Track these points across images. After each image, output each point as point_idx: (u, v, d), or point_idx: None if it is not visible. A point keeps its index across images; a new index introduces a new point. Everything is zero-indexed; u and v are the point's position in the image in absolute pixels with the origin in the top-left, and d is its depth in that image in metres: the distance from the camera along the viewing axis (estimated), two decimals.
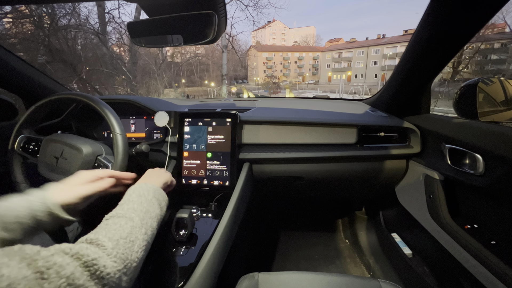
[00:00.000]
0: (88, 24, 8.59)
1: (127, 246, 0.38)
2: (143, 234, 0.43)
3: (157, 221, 0.50)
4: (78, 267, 0.29)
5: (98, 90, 8.53)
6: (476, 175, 0.67)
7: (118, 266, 0.35)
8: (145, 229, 0.44)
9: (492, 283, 0.62)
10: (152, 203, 0.51)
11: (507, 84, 0.71)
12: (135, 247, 0.40)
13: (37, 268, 0.25)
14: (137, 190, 0.53)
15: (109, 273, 0.32)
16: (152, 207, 0.50)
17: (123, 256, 0.36)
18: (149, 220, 0.47)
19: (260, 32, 77.28)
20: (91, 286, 0.29)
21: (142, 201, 0.49)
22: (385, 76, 33.95)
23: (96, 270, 0.31)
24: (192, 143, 0.86)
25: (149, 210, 0.48)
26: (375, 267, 1.25)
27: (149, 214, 0.48)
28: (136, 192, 0.52)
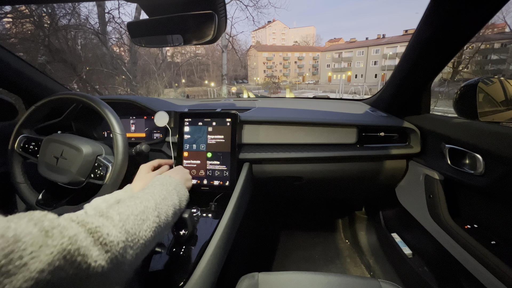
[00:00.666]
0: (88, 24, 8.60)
1: (136, 223, 0.40)
2: (155, 216, 0.45)
3: (173, 210, 0.52)
4: (82, 232, 0.31)
5: (98, 90, 8.53)
6: (476, 175, 0.67)
7: (122, 237, 0.36)
8: (159, 212, 0.47)
9: (492, 283, 0.62)
10: (172, 194, 0.54)
11: (507, 84, 0.71)
12: (144, 226, 0.42)
13: (43, 227, 0.26)
14: (161, 179, 0.58)
15: (112, 241, 0.34)
16: (171, 196, 0.54)
17: (130, 230, 0.38)
18: (164, 206, 0.49)
19: (260, 32, 77.28)
20: (95, 250, 0.31)
21: (163, 189, 0.53)
22: (385, 76, 33.96)
23: (99, 237, 0.32)
24: (192, 143, 0.86)
25: (167, 198, 0.52)
26: (375, 267, 1.25)
27: (166, 201, 0.51)
28: (159, 181, 0.57)
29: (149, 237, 0.42)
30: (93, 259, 0.30)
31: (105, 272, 0.31)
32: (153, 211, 0.46)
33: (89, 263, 0.29)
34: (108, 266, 0.32)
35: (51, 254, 0.25)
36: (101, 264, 0.31)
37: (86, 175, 0.75)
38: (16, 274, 0.22)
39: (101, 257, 0.31)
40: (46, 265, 0.24)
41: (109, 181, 0.71)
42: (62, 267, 0.26)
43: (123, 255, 0.35)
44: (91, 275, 0.29)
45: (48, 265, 0.24)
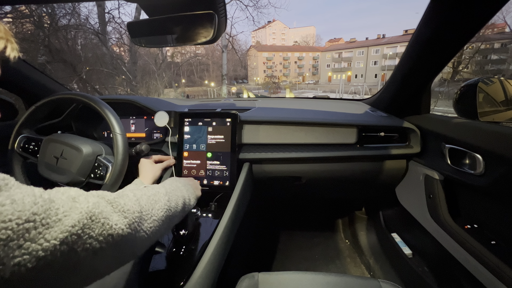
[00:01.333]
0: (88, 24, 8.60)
1: (149, 201, 0.45)
2: (166, 200, 0.49)
3: (182, 201, 0.56)
4: (102, 201, 0.35)
5: (98, 90, 8.53)
6: (476, 175, 0.67)
7: (137, 208, 0.40)
8: (169, 197, 0.51)
9: (492, 283, 0.62)
10: (180, 188, 0.59)
11: (507, 84, 0.71)
12: (157, 206, 0.46)
13: (70, 195, 0.32)
14: (171, 178, 0.64)
15: (128, 209, 0.38)
16: (180, 190, 0.58)
17: (144, 206, 0.43)
18: (174, 196, 0.53)
19: (260, 32, 77.28)
20: (115, 215, 0.35)
21: (172, 183, 0.59)
22: (385, 76, 33.95)
23: (117, 205, 0.37)
24: (192, 143, 0.86)
25: (176, 190, 0.56)
26: (375, 267, 1.25)
27: (175, 192, 0.55)
28: (170, 179, 0.63)
29: (160, 216, 0.46)
30: (114, 222, 0.34)
31: (124, 236, 0.35)
32: (164, 195, 0.50)
33: (111, 225, 0.33)
34: (127, 230, 0.36)
35: (80, 213, 0.30)
36: (121, 227, 0.35)
37: (86, 175, 0.75)
38: (53, 227, 0.26)
39: (120, 221, 0.35)
40: (77, 222, 0.29)
41: (109, 181, 0.71)
42: (89, 225, 0.30)
43: (139, 224, 0.39)
44: (113, 236, 0.33)
45: (78, 222, 0.29)
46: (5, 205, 0.24)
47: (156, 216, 0.45)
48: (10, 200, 0.24)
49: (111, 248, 0.33)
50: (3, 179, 0.26)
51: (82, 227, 0.29)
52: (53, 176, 0.76)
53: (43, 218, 0.26)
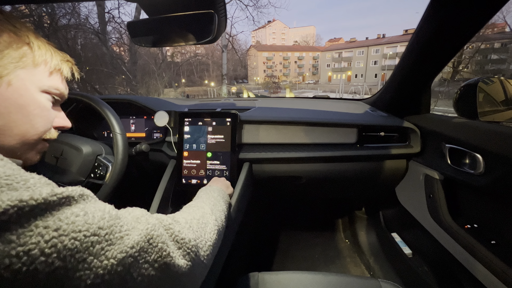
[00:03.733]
0: (88, 24, 8.61)
1: (200, 226, 0.43)
2: (214, 220, 0.48)
3: (224, 215, 0.55)
4: (160, 225, 0.34)
5: (98, 89, 8.53)
6: (476, 175, 0.67)
7: (192, 236, 0.38)
8: (215, 216, 0.50)
9: (492, 283, 0.62)
10: (218, 200, 0.58)
11: (507, 83, 0.71)
12: (207, 229, 0.44)
13: (135, 215, 0.33)
14: (204, 189, 0.62)
15: (183, 238, 0.36)
16: (219, 202, 0.57)
17: (197, 232, 0.41)
18: (217, 212, 0.52)
19: (260, 32, 77.25)
20: (171, 244, 0.34)
21: (210, 197, 0.57)
22: (385, 75, 33.95)
23: (172, 233, 0.35)
24: (192, 143, 0.86)
25: (216, 204, 0.55)
26: (375, 267, 1.25)
27: (217, 207, 0.54)
28: (203, 191, 0.61)
29: (213, 240, 0.45)
30: (171, 250, 0.33)
31: (181, 267, 0.34)
32: (210, 215, 0.49)
33: (168, 252, 0.32)
34: (183, 261, 0.34)
35: (139, 235, 0.29)
36: (177, 257, 0.34)
37: (86, 175, 0.75)
38: (114, 244, 0.26)
39: (176, 251, 0.34)
40: (136, 244, 0.28)
41: (109, 181, 0.71)
42: (146, 249, 0.30)
43: (196, 254, 0.38)
44: (169, 266, 0.32)
45: (137, 244, 0.29)
46: (78, 216, 0.25)
47: (210, 240, 0.43)
48: (84, 212, 0.25)
49: (168, 279, 0.32)
50: (81, 192, 0.27)
51: (140, 250, 0.29)
52: (53, 176, 0.76)
53: (107, 234, 0.26)
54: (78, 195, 0.26)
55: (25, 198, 0.21)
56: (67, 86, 0.46)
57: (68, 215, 0.24)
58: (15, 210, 0.20)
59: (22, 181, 0.24)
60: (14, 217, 0.20)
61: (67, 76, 0.45)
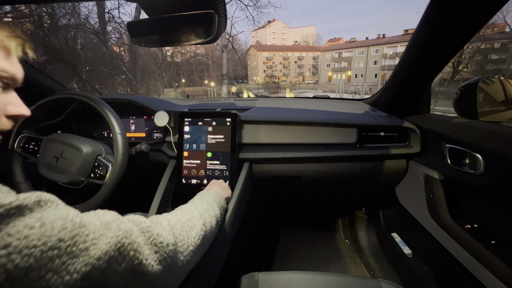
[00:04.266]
0: (88, 23, 8.60)
1: (184, 229, 0.41)
2: (201, 225, 0.47)
3: (216, 221, 0.55)
4: (135, 229, 0.32)
5: (98, 89, 8.53)
6: (476, 175, 0.67)
7: (172, 240, 0.36)
8: (204, 221, 0.49)
9: (492, 283, 0.62)
10: (212, 205, 0.57)
11: (507, 83, 0.71)
12: (193, 233, 0.43)
13: (104, 220, 0.30)
14: (200, 194, 0.61)
15: (161, 241, 0.34)
16: (212, 207, 0.56)
17: (179, 236, 0.39)
18: (208, 217, 0.52)
19: (260, 32, 77.24)
20: (146, 248, 0.31)
21: (203, 201, 0.56)
22: (385, 75, 33.94)
23: (150, 236, 0.33)
24: (192, 143, 0.86)
25: (208, 209, 0.54)
26: (375, 267, 1.25)
27: (208, 212, 0.53)
28: (199, 195, 0.60)
29: (198, 244, 0.43)
30: (144, 257, 0.30)
31: (155, 273, 0.32)
32: (199, 219, 0.48)
33: (141, 260, 0.30)
34: (157, 267, 0.32)
35: (108, 244, 0.27)
36: (151, 263, 0.31)
37: (86, 175, 0.75)
38: (78, 257, 0.24)
39: (151, 256, 0.32)
40: (103, 254, 0.26)
41: (109, 181, 0.71)
42: (116, 258, 0.27)
43: (173, 259, 0.35)
44: (142, 274, 0.30)
45: (105, 254, 0.26)
46: (33, 228, 0.21)
47: (193, 245, 0.41)
48: (40, 222, 0.22)
49: (140, 285, 0.30)
50: (38, 198, 0.24)
51: (108, 260, 0.26)
52: (53, 176, 0.76)
53: (69, 246, 0.23)
54: (34, 202, 0.23)
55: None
56: (20, 67, 0.39)
57: (20, 229, 0.21)
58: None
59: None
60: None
61: (18, 55, 0.38)
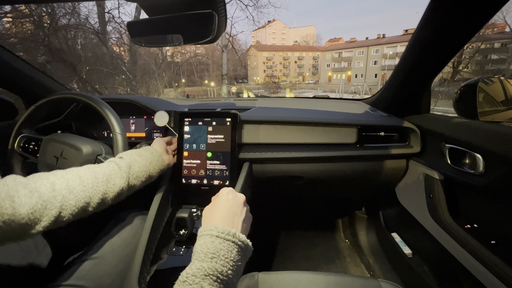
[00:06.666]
0: (88, 23, 8.60)
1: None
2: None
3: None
4: None
5: (98, 89, 8.53)
6: (476, 175, 0.67)
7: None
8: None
9: (492, 283, 0.62)
10: (241, 266, 0.41)
11: (507, 83, 0.71)
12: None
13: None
14: (232, 254, 0.39)
15: None
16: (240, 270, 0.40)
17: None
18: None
19: (260, 32, 77.23)
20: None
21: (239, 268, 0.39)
22: (385, 75, 33.93)
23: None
24: (192, 142, 0.86)
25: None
26: (375, 267, 1.25)
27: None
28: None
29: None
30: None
31: None
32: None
33: None
34: None
35: None
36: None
37: None
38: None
39: None
40: None
41: None
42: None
43: None
44: None
45: None
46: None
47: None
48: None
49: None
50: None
51: None
52: None
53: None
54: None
55: None
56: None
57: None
58: None
59: None
60: None
61: None
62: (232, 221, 0.45)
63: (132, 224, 0.72)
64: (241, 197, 0.51)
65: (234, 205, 0.48)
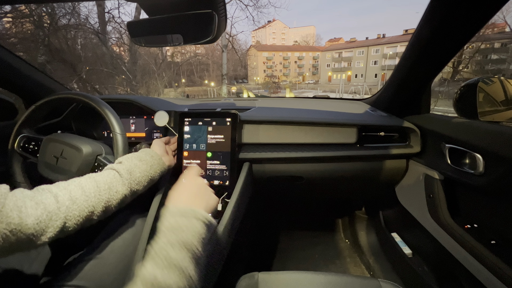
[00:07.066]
0: (88, 23, 8.60)
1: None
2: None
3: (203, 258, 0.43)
4: None
5: (98, 89, 8.53)
6: (476, 175, 0.67)
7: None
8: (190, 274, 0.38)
9: (492, 283, 0.62)
10: (199, 245, 0.42)
11: (507, 83, 0.70)
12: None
13: None
14: (193, 227, 0.43)
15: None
16: (198, 250, 0.42)
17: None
18: (196, 271, 0.40)
19: (260, 32, 77.23)
20: None
21: (184, 246, 0.41)
22: (385, 75, 33.94)
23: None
24: (192, 142, 0.86)
25: (194, 251, 0.41)
26: (375, 267, 1.25)
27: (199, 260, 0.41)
28: (177, 232, 0.42)
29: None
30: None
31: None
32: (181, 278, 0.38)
33: None
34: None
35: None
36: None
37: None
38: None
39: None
40: None
41: None
42: None
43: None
44: None
45: None
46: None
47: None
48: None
49: None
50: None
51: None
52: (53, 176, 0.76)
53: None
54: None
55: None
56: None
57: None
58: None
59: None
60: None
61: None
62: (194, 201, 0.52)
63: (132, 224, 0.72)
64: (200, 180, 0.60)
65: (193, 187, 0.56)
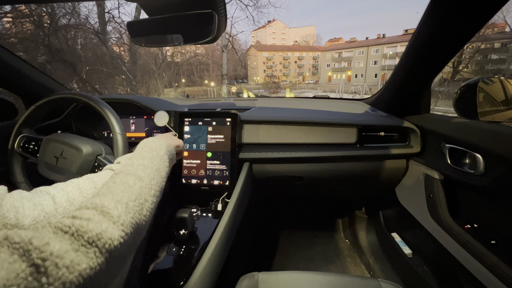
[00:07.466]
0: (88, 23, 8.60)
1: (136, 210, 0.36)
2: (152, 196, 0.42)
3: (165, 180, 0.48)
4: (80, 250, 0.26)
5: (98, 89, 8.53)
6: (476, 175, 0.67)
7: (126, 232, 0.32)
8: (154, 190, 0.43)
9: (492, 283, 0.62)
10: (164, 160, 0.49)
11: (507, 83, 0.71)
12: (144, 211, 0.38)
13: (32, 261, 0.22)
14: (149, 144, 0.51)
15: (116, 245, 0.29)
16: (163, 164, 0.48)
17: (132, 221, 0.34)
18: (159, 180, 0.45)
19: (260, 32, 77.23)
20: (100, 259, 0.27)
21: (154, 157, 0.47)
22: (385, 75, 33.94)
23: (103, 245, 0.28)
24: (192, 142, 0.86)
25: (159, 169, 0.47)
26: (375, 267, 1.25)
27: (159, 173, 0.46)
28: (148, 146, 0.50)
29: (148, 220, 0.39)
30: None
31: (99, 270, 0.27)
32: (149, 190, 0.42)
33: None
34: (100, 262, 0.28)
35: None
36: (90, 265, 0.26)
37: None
38: None
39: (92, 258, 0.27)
40: None
41: None
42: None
43: (127, 250, 0.32)
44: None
45: None
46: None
47: (144, 224, 0.37)
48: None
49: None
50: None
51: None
52: (53, 176, 0.76)
53: None
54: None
55: None
56: None
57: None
58: None
59: None
60: None
61: None
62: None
63: None
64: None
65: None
